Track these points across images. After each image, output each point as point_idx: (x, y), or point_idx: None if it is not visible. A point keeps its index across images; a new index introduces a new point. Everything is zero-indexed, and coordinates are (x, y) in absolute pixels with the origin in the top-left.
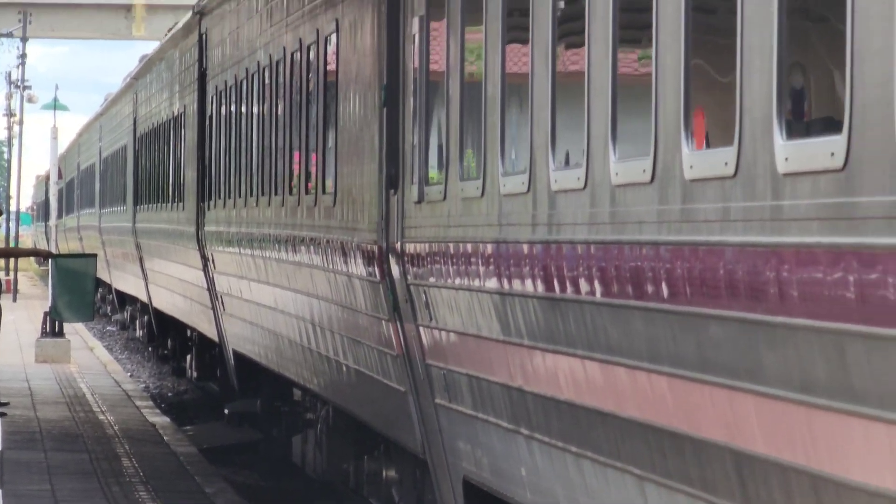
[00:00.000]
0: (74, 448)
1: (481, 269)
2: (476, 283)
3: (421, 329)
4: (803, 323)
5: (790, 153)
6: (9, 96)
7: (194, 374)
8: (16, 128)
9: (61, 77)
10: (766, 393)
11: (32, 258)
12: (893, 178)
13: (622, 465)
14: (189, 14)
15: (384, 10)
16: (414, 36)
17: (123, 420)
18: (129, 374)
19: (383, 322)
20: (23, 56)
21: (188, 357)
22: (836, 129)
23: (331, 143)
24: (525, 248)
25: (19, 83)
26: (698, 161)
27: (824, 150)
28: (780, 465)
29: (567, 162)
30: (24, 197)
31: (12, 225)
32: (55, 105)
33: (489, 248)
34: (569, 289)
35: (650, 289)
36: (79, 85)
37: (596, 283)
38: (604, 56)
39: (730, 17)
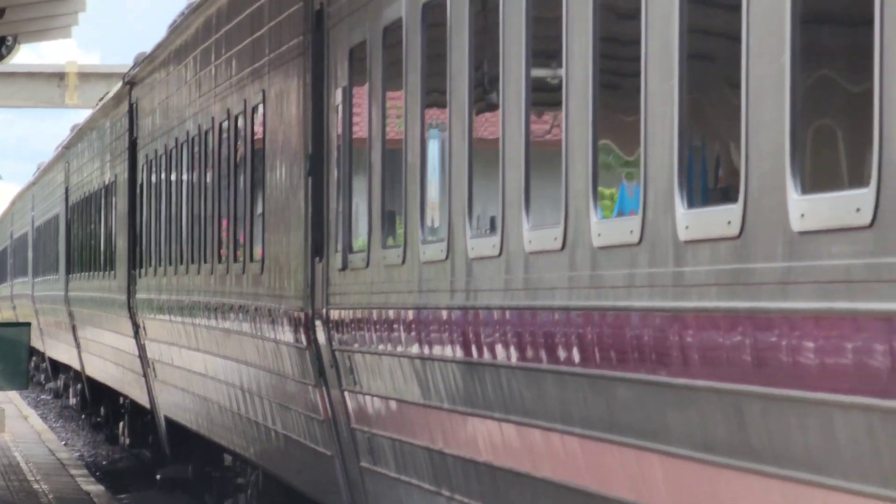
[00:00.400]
0: None
1: (403, 334)
2: (398, 348)
3: (346, 394)
4: (704, 384)
5: (690, 221)
6: None
7: (127, 441)
8: None
9: None
10: (671, 452)
11: None
12: (785, 246)
13: None
14: (120, 84)
15: (309, 80)
16: (337, 106)
17: (58, 489)
18: (63, 442)
19: (310, 388)
20: None
21: (121, 424)
22: (732, 199)
23: (259, 211)
24: (444, 313)
25: None
26: (606, 229)
27: (722, 219)
28: None
29: (483, 229)
30: None
31: None
32: None
33: (410, 314)
34: (486, 353)
35: (562, 353)
36: (12, 153)
37: (511, 348)
38: (517, 125)
39: (634, 91)
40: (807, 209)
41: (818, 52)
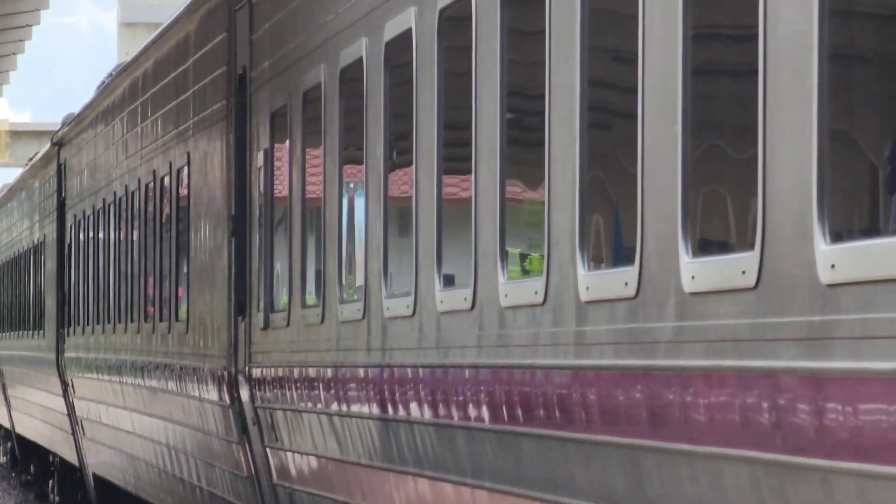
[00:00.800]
0: None
1: (322, 392)
2: (318, 405)
3: (268, 450)
4: (604, 439)
5: (591, 283)
6: None
7: (56, 499)
8: None
9: None
10: None
11: None
12: (678, 306)
13: None
14: (48, 144)
15: (232, 143)
16: (259, 168)
17: None
18: None
19: (233, 445)
20: None
21: (50, 482)
22: (629, 261)
23: (184, 271)
24: (361, 371)
25: None
26: (513, 290)
27: (619, 280)
28: None
29: (398, 289)
30: None
31: None
32: None
33: (328, 372)
34: (400, 410)
35: (472, 411)
36: None
37: (424, 406)
38: (430, 185)
39: (540, 156)
40: (697, 271)
41: (708, 122)
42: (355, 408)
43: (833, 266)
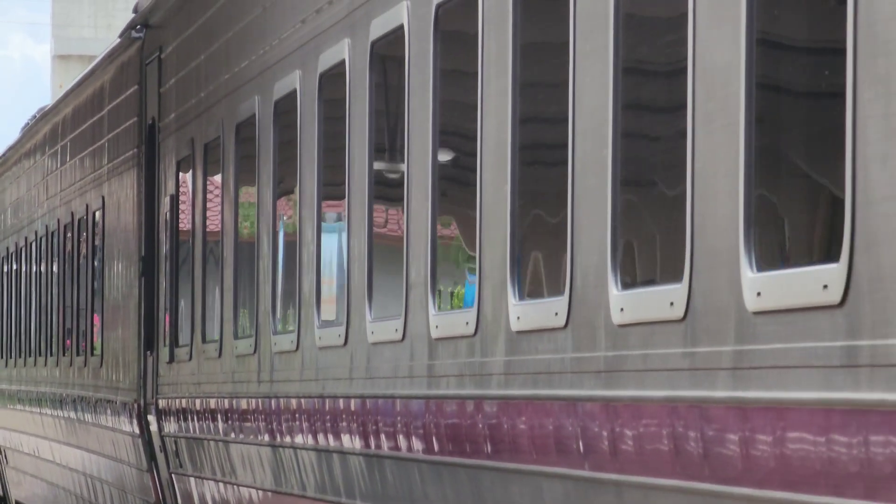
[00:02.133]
0: None
1: (219, 421)
2: (216, 433)
3: (174, 476)
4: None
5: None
6: None
7: None
8: None
9: None
10: None
11: None
12: (508, 344)
13: None
14: None
15: (142, 190)
16: (166, 213)
17: None
18: None
19: (143, 472)
20: None
21: None
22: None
23: (99, 308)
24: (253, 402)
25: None
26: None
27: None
28: None
29: (284, 326)
30: None
31: None
32: None
33: (225, 403)
34: (290, 437)
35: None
36: None
37: (307, 433)
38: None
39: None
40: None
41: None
42: (248, 435)
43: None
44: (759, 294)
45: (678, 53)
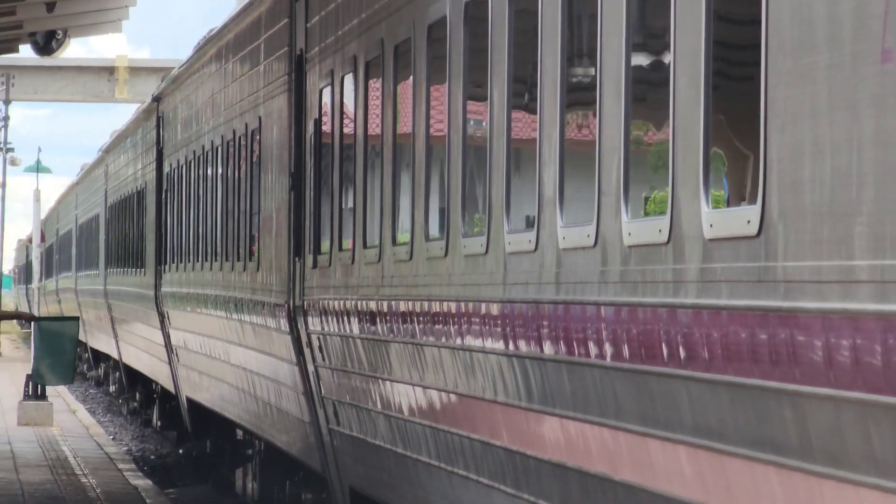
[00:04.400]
0: None
1: (358, 319)
2: (355, 330)
3: (319, 369)
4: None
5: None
6: None
7: (158, 423)
8: None
9: (43, 139)
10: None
11: (15, 321)
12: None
13: (443, 464)
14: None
15: (292, 112)
16: (310, 136)
17: (106, 483)
18: (111, 436)
19: (292, 365)
20: (5, 118)
21: (154, 408)
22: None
23: (256, 218)
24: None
25: (2, 146)
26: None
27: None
28: None
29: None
30: (5, 260)
31: None
32: (38, 168)
33: (361, 304)
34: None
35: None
36: (61, 147)
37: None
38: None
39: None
40: None
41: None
42: (390, 332)
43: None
44: (711, 226)
45: None
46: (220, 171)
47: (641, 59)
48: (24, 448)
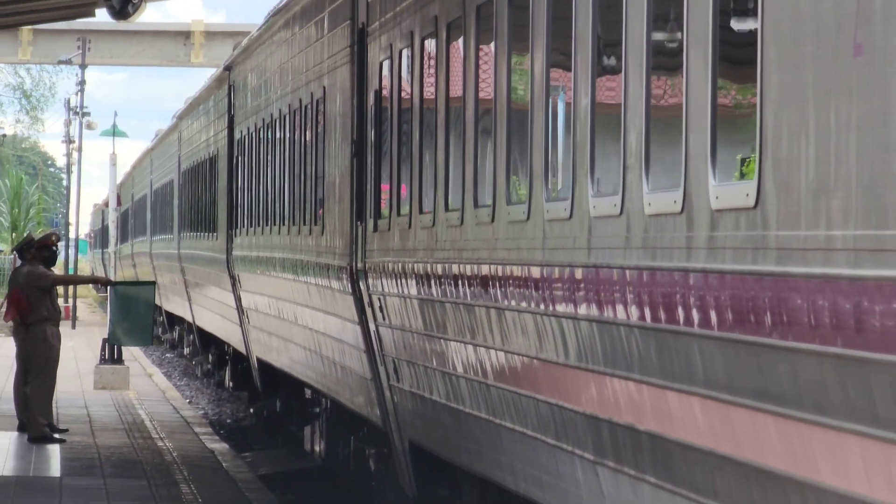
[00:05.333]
0: (133, 474)
1: (416, 281)
2: (413, 291)
3: (379, 328)
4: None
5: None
6: (67, 123)
7: (231, 384)
8: (74, 154)
9: (119, 103)
10: None
11: (91, 285)
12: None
13: (494, 419)
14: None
15: (354, 83)
16: (371, 106)
17: (182, 447)
18: (187, 400)
19: (355, 325)
20: (82, 83)
21: (226, 369)
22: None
23: (321, 183)
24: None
25: (78, 110)
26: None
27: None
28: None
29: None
30: (81, 224)
31: (71, 252)
32: (114, 131)
33: (419, 267)
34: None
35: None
36: (136, 111)
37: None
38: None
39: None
40: None
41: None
42: (446, 293)
43: None
44: (717, 198)
45: None
46: (287, 138)
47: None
48: (100, 412)
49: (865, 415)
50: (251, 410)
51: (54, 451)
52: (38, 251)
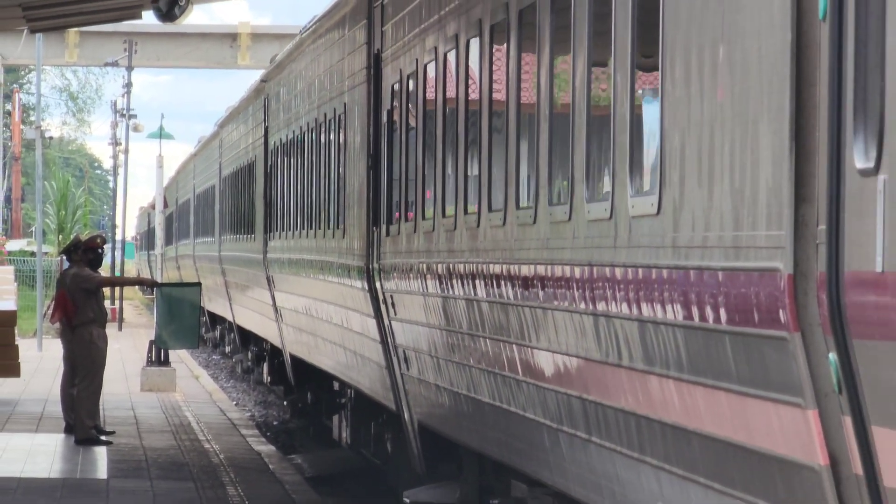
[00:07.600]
0: (180, 476)
1: (423, 280)
2: (422, 289)
3: (392, 322)
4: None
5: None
6: (114, 125)
7: (268, 380)
8: (121, 157)
9: (165, 106)
10: None
11: (138, 287)
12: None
13: (497, 402)
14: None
15: (371, 101)
16: (384, 123)
17: (229, 448)
18: (234, 402)
19: (371, 319)
20: (128, 85)
21: (264, 366)
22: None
23: (343, 192)
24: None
25: (124, 112)
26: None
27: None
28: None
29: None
30: (127, 227)
31: (117, 254)
32: (160, 133)
33: (424, 267)
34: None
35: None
36: (183, 113)
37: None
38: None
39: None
40: None
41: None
42: (455, 290)
43: None
44: (632, 206)
45: None
46: (314, 149)
47: None
48: (147, 413)
49: (719, 373)
50: (285, 403)
51: (101, 453)
52: (84, 253)
